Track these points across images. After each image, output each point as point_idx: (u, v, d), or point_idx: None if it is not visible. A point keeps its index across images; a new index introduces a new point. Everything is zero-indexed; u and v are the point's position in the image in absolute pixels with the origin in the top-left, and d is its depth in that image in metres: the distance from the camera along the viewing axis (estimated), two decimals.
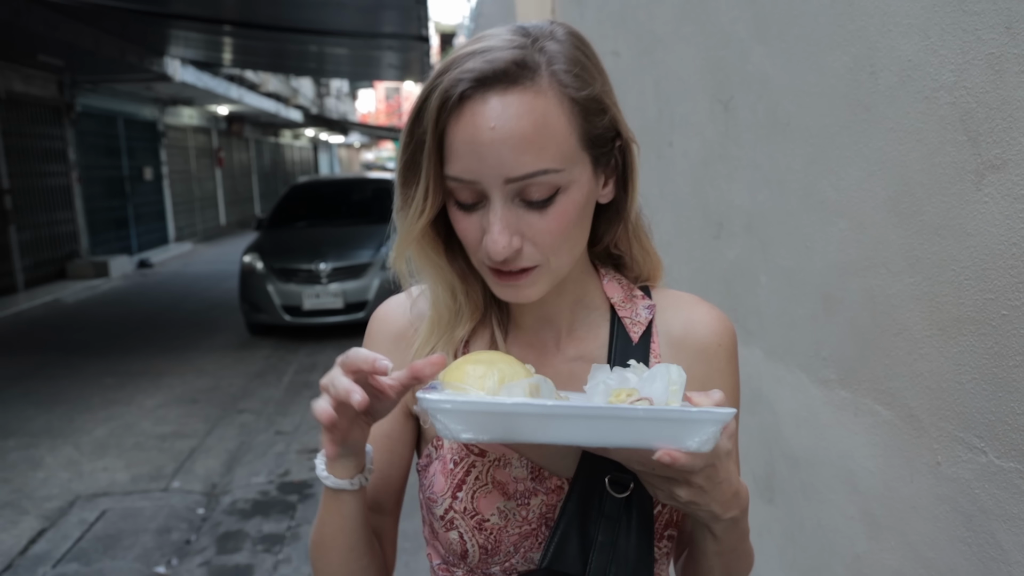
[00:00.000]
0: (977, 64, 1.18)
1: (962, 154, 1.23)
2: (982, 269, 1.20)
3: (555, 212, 0.86)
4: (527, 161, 0.83)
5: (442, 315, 1.01)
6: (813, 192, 1.73)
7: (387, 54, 13.37)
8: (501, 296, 0.94)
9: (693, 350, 1.03)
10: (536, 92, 0.83)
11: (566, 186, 0.86)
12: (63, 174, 14.16)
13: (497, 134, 0.82)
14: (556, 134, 0.84)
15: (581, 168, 0.88)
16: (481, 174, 0.84)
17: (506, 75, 0.83)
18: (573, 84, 0.85)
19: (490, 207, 0.86)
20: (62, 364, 8.08)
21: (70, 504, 4.80)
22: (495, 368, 0.80)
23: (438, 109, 0.84)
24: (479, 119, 0.83)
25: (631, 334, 1.01)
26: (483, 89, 0.83)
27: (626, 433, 0.75)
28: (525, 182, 0.84)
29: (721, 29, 2.18)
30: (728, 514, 0.85)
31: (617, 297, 1.04)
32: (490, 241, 0.86)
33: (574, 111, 0.85)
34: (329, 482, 0.92)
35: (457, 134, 0.84)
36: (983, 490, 1.25)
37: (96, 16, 10.21)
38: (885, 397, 1.51)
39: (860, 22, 1.49)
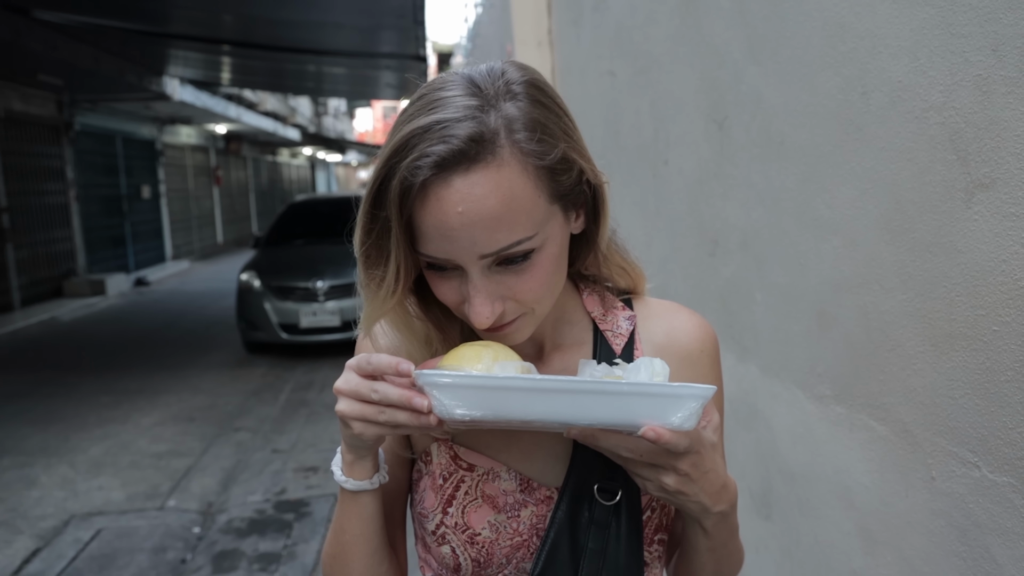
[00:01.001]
0: (965, 85, 1.20)
1: (952, 173, 1.25)
2: (973, 286, 1.22)
3: (533, 271, 0.86)
4: (499, 238, 0.81)
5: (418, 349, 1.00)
6: (807, 210, 1.75)
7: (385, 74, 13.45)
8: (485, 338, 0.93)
9: (676, 357, 1.03)
10: (499, 166, 0.80)
11: (540, 246, 0.85)
12: (61, 192, 14.18)
13: (466, 218, 0.80)
14: (524, 204, 0.82)
15: (552, 222, 0.86)
16: (454, 253, 0.83)
17: (465, 155, 0.79)
18: (536, 152, 0.82)
19: (468, 280, 0.85)
20: (58, 382, 8.06)
21: (65, 523, 4.77)
22: (490, 349, 0.84)
23: (400, 197, 0.81)
24: (445, 204, 0.80)
25: (613, 346, 1.02)
26: (444, 173, 0.79)
27: (611, 408, 0.78)
28: (499, 255, 0.83)
29: (715, 50, 2.21)
30: (718, 507, 0.87)
31: (597, 312, 1.05)
32: (473, 313, 0.85)
33: (540, 176, 0.83)
34: (349, 485, 0.93)
35: (425, 219, 0.82)
36: (977, 504, 1.26)
37: (96, 36, 10.28)
38: (880, 413, 1.53)
39: (851, 44, 1.52)
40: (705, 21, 2.27)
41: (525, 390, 0.78)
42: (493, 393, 0.77)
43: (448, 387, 0.78)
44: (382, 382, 0.83)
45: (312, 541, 4.45)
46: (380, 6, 8.41)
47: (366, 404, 0.84)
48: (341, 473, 0.94)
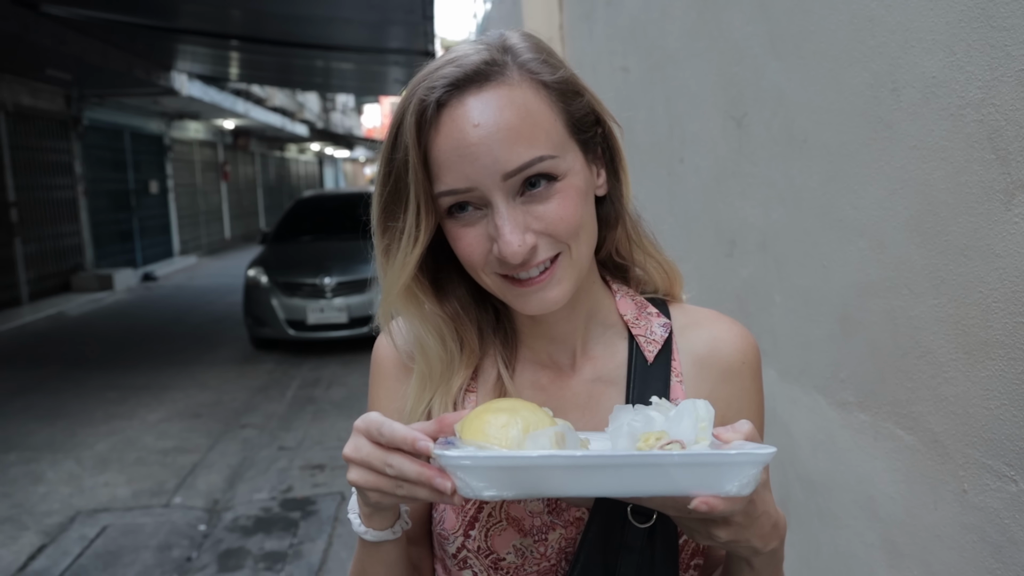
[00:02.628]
0: (1006, 81, 1.15)
1: (990, 173, 1.20)
2: (1012, 291, 1.17)
3: (559, 199, 0.84)
4: (520, 151, 0.81)
5: (433, 367, 0.96)
6: (831, 210, 1.70)
7: (393, 69, 13.42)
8: (524, 309, 0.89)
9: (718, 369, 0.98)
10: (511, 85, 0.83)
11: (563, 174, 0.84)
12: (69, 187, 14.19)
13: (483, 130, 0.80)
14: (542, 121, 0.83)
15: (573, 156, 0.86)
16: (477, 178, 0.81)
17: (478, 74, 0.82)
18: (543, 70, 0.85)
19: (494, 211, 0.83)
20: (65, 377, 8.05)
21: (70, 520, 4.75)
22: (518, 416, 0.74)
23: (417, 124, 0.82)
24: (461, 122, 0.81)
25: (646, 353, 0.97)
26: (458, 92, 0.82)
27: (661, 481, 0.70)
28: (523, 174, 0.81)
29: (735, 45, 2.16)
30: (768, 547, 0.81)
31: (630, 315, 1.00)
32: (503, 244, 0.82)
33: (552, 96, 0.85)
34: (370, 536, 0.87)
35: (442, 144, 0.82)
36: (1013, 520, 1.21)
37: (104, 30, 10.27)
38: (907, 421, 1.47)
39: (881, 38, 1.46)
40: (724, 15, 2.22)
41: (562, 468, 0.70)
42: (526, 473, 0.69)
43: (474, 469, 0.69)
44: (397, 455, 0.75)
45: (318, 540, 4.42)
46: (389, 1, 8.36)
47: (381, 476, 0.76)
48: (360, 523, 0.88)
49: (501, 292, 0.89)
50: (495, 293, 0.90)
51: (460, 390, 0.97)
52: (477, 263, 0.87)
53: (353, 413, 6.64)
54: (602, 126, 0.93)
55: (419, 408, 0.96)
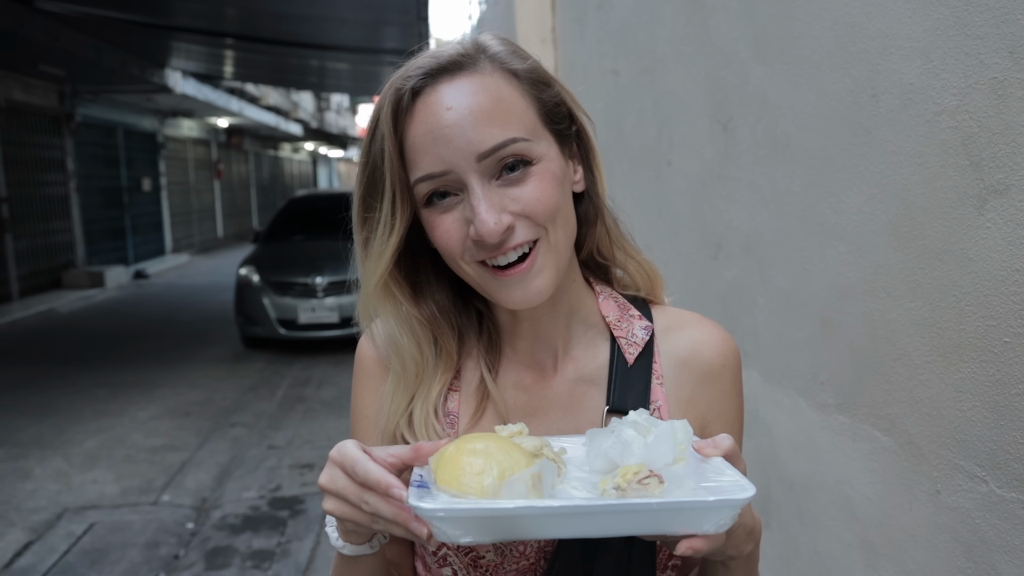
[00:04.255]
0: (980, 88, 1.17)
1: (964, 179, 1.22)
2: (984, 295, 1.19)
3: (535, 182, 0.85)
4: (493, 132, 0.83)
5: (407, 368, 0.97)
6: (812, 214, 1.72)
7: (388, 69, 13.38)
8: (507, 301, 0.89)
9: (699, 372, 0.99)
10: (483, 74, 0.86)
11: (538, 158, 0.86)
12: (61, 183, 14.15)
13: (457, 113, 0.83)
14: (514, 106, 0.86)
15: (547, 143, 0.88)
16: (451, 160, 0.83)
17: (452, 64, 0.86)
18: (512, 61, 0.89)
19: (469, 193, 0.84)
20: (54, 374, 8.03)
21: (58, 516, 4.75)
22: (492, 462, 0.73)
23: (393, 112, 0.85)
24: (435, 106, 0.84)
25: (626, 355, 0.98)
26: (432, 80, 0.86)
27: (638, 524, 0.72)
28: (497, 154, 0.83)
29: (721, 50, 2.18)
30: (743, 552, 0.83)
31: (612, 316, 1.01)
32: (479, 223, 0.83)
33: (523, 85, 0.88)
34: (347, 551, 0.86)
35: (417, 130, 0.84)
36: (984, 520, 1.23)
37: (98, 27, 10.24)
38: (884, 423, 1.49)
39: (861, 44, 1.48)
40: (711, 20, 2.24)
41: (539, 516, 0.70)
42: (503, 521, 0.70)
43: (451, 519, 0.69)
44: (373, 494, 0.75)
45: (306, 539, 4.42)
46: (383, 2, 8.37)
47: (356, 510, 0.77)
48: (338, 538, 0.87)
49: (482, 283, 0.90)
50: (476, 285, 0.91)
51: (440, 394, 0.98)
52: (455, 250, 0.87)
53: (343, 413, 6.64)
54: (575, 122, 0.95)
55: (398, 410, 0.97)
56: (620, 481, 0.74)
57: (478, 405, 0.98)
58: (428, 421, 0.96)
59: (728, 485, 0.74)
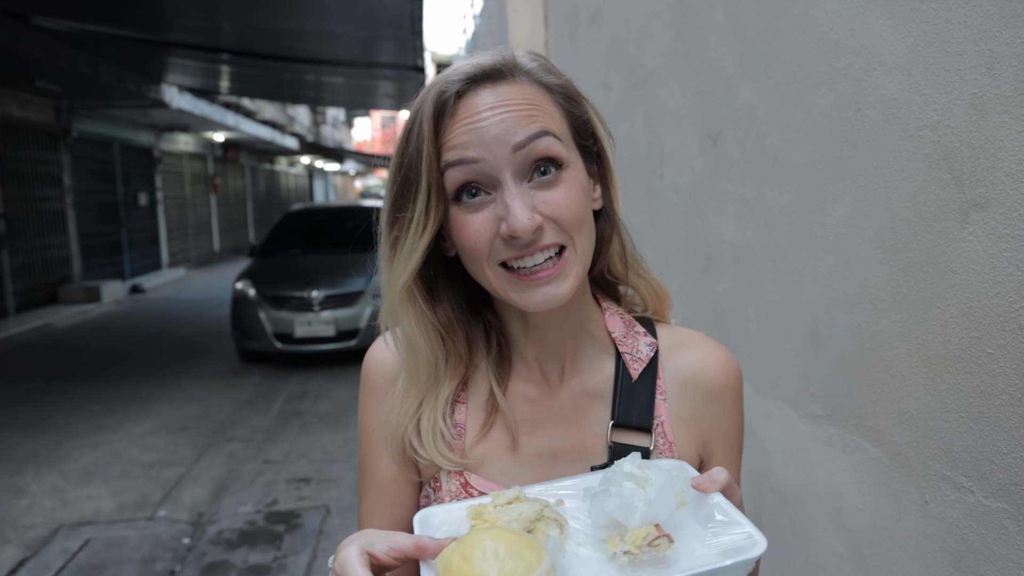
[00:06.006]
0: (960, 104, 1.19)
1: (946, 192, 1.23)
2: (967, 307, 1.20)
3: (565, 188, 0.89)
4: (531, 126, 0.87)
5: (421, 369, 0.98)
6: (800, 227, 1.73)
7: (383, 83, 13.47)
8: (529, 305, 0.90)
9: (702, 391, 1.02)
10: (521, 85, 0.91)
11: (567, 164, 0.90)
12: (57, 199, 14.15)
13: (496, 112, 0.87)
14: (549, 112, 0.91)
15: (575, 155, 0.92)
16: (486, 148, 0.86)
17: (493, 71, 0.90)
18: (547, 77, 0.93)
19: (503, 190, 0.87)
20: (50, 390, 8.01)
21: (53, 533, 4.73)
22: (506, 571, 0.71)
23: (435, 112, 0.88)
24: (475, 106, 0.88)
25: (631, 370, 1.00)
26: (474, 85, 0.89)
27: None
28: (532, 146, 0.87)
29: (710, 65, 2.20)
30: None
31: (618, 332, 1.03)
32: (512, 219, 0.85)
33: (556, 98, 0.93)
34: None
35: (456, 128, 0.88)
36: (971, 530, 1.24)
37: (95, 43, 10.28)
38: (873, 434, 1.50)
39: (845, 60, 1.50)
40: (700, 36, 2.26)
41: None
42: None
43: None
44: None
45: (303, 553, 4.41)
46: (378, 17, 8.42)
47: None
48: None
49: (503, 287, 0.91)
50: (494, 289, 0.92)
51: (447, 401, 0.99)
52: (482, 250, 0.89)
53: (340, 426, 6.64)
54: (598, 141, 0.98)
55: (408, 412, 0.98)
56: (630, 547, 0.74)
57: (487, 418, 1.00)
58: (436, 427, 0.97)
59: (739, 540, 0.75)
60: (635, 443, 0.97)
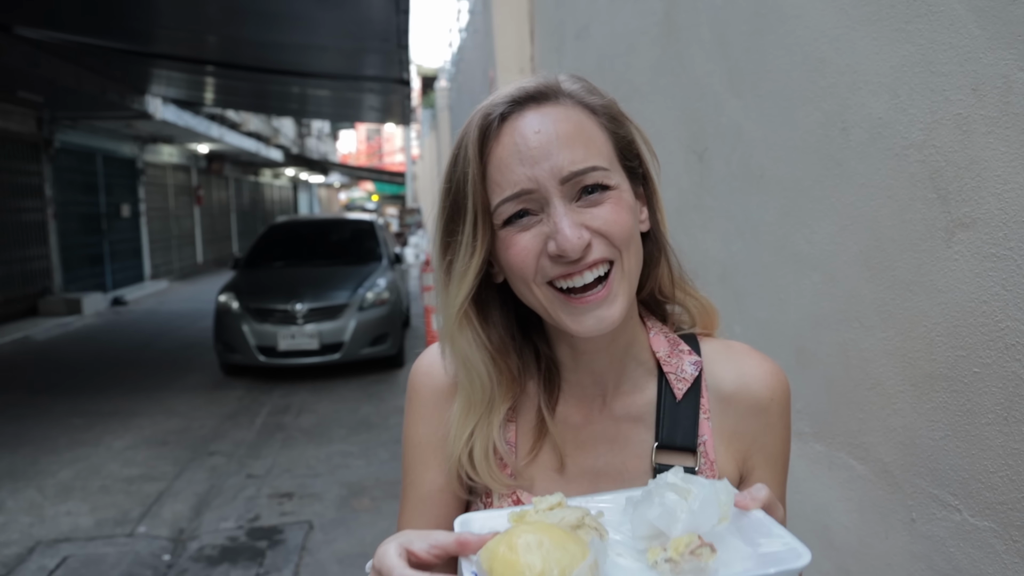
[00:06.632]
0: (945, 124, 1.20)
1: (932, 211, 1.24)
2: (953, 326, 1.21)
3: (612, 204, 0.89)
4: (578, 157, 0.87)
5: (475, 392, 0.98)
6: (787, 244, 1.74)
7: (368, 96, 13.48)
8: (579, 328, 0.90)
9: (744, 406, 1.00)
10: (566, 107, 0.91)
11: (615, 186, 0.90)
12: (39, 210, 14.02)
13: (543, 136, 0.87)
14: (595, 137, 0.91)
15: (621, 177, 0.92)
16: (535, 178, 0.87)
17: (539, 94, 0.91)
18: (591, 99, 0.93)
19: (551, 211, 0.87)
20: (28, 403, 7.89)
21: (29, 550, 4.64)
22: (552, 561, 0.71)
23: (480, 136, 0.89)
24: (523, 128, 0.88)
25: (675, 391, 0.99)
26: (519, 107, 0.90)
27: None
28: (579, 179, 0.87)
29: (696, 82, 2.21)
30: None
31: (663, 352, 1.01)
32: (561, 238, 0.85)
33: (601, 120, 0.93)
34: None
35: (503, 153, 0.88)
36: (958, 549, 1.24)
37: (78, 53, 10.23)
38: (859, 451, 1.50)
39: (831, 79, 1.51)
40: (686, 52, 2.28)
41: None
42: None
43: None
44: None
45: (285, 570, 4.36)
46: (364, 30, 8.43)
47: None
48: None
49: (552, 308, 0.91)
50: (544, 311, 0.92)
51: (500, 426, 0.99)
52: (529, 269, 0.89)
53: (323, 441, 6.59)
54: (643, 162, 0.98)
55: (462, 436, 0.98)
56: (673, 554, 0.73)
57: (535, 442, 1.00)
58: (488, 453, 0.97)
59: (782, 551, 0.73)
60: (680, 463, 0.95)
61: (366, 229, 11.16)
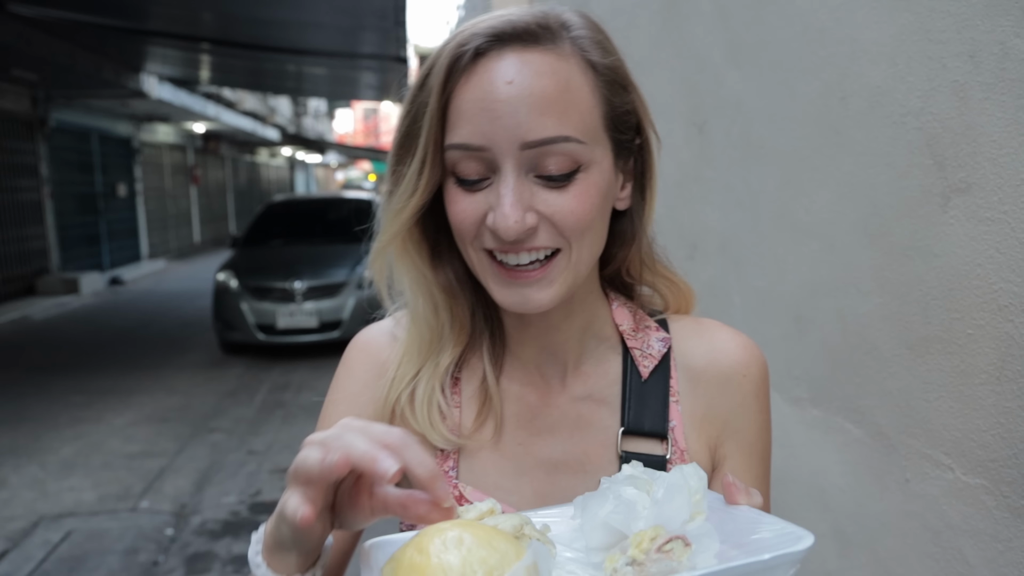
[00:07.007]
0: (943, 91, 1.22)
1: (929, 178, 1.26)
2: (948, 289, 1.23)
3: (576, 191, 0.77)
4: (548, 124, 0.74)
5: (423, 334, 0.89)
6: (785, 214, 1.76)
7: (365, 74, 13.41)
8: (504, 302, 0.81)
9: (715, 381, 0.90)
10: (558, 55, 0.77)
11: (588, 164, 0.77)
12: (34, 189, 13.97)
13: (515, 89, 0.74)
14: (580, 102, 0.76)
15: (603, 151, 0.79)
16: (493, 138, 0.74)
17: (527, 33, 0.76)
18: (595, 52, 0.79)
19: (500, 179, 0.76)
20: (29, 382, 7.93)
21: (34, 525, 4.69)
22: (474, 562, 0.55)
23: (448, 67, 0.76)
24: (494, 75, 0.75)
25: (641, 368, 0.89)
26: (500, 45, 0.76)
27: None
28: (544, 149, 0.75)
29: (696, 54, 2.22)
30: None
31: (627, 325, 0.92)
32: (499, 216, 0.75)
33: (598, 82, 0.79)
34: (260, 572, 0.71)
35: (468, 95, 0.75)
36: (950, 506, 1.27)
37: (72, 31, 10.15)
38: (855, 415, 1.54)
39: (831, 49, 1.53)
40: (686, 25, 2.28)
41: None
42: None
43: None
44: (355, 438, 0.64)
45: None
46: (361, 7, 8.38)
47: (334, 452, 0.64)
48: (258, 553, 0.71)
49: (484, 275, 0.82)
50: (478, 274, 0.84)
51: (448, 371, 0.90)
52: (467, 233, 0.80)
53: None
54: (641, 136, 0.87)
55: (404, 378, 0.89)
56: (635, 553, 0.59)
57: (479, 409, 0.90)
58: (433, 398, 0.88)
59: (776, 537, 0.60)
60: (648, 451, 0.86)
61: (364, 208, 11.16)
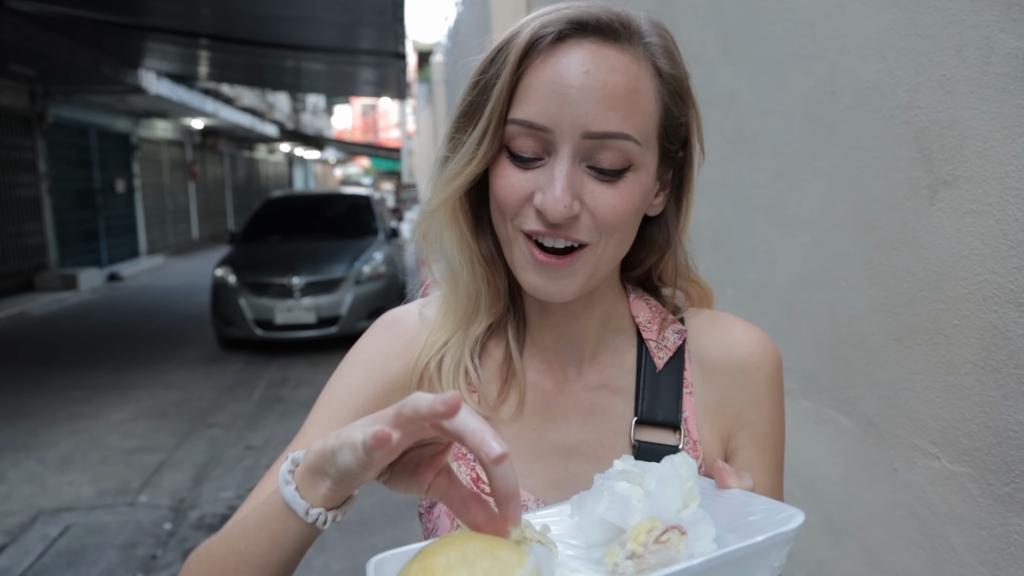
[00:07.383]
0: (930, 85, 1.23)
1: (916, 171, 1.28)
2: (935, 281, 1.25)
3: (622, 189, 0.79)
4: (613, 119, 0.77)
5: (460, 301, 0.91)
6: (777, 207, 1.78)
7: (364, 71, 13.42)
8: (533, 287, 0.83)
9: (728, 373, 0.92)
10: (633, 56, 0.79)
11: (638, 166, 0.80)
12: (32, 185, 13.96)
13: (589, 79, 0.76)
14: (644, 105, 0.79)
15: (651, 156, 0.82)
16: (559, 121, 0.77)
17: (609, 28, 0.79)
18: (664, 60, 0.82)
19: (554, 162, 0.78)
20: (27, 377, 7.94)
21: (32, 519, 4.71)
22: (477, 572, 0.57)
23: (526, 45, 0.78)
24: (572, 61, 0.77)
25: (656, 359, 0.91)
26: (581, 35, 0.78)
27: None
28: (603, 142, 0.77)
29: (690, 49, 2.23)
30: None
31: (643, 317, 0.94)
32: (549, 197, 0.77)
33: (662, 89, 0.82)
34: (287, 493, 0.70)
35: (542, 74, 0.78)
36: (937, 494, 1.29)
37: (70, 26, 10.15)
38: (845, 406, 1.56)
39: (821, 44, 1.54)
40: (680, 20, 2.30)
41: None
42: None
43: None
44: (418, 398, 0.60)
45: None
46: (360, 2, 8.38)
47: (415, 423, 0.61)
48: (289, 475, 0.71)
49: (516, 254, 0.84)
50: (510, 251, 0.85)
51: (477, 340, 0.92)
52: (511, 209, 0.82)
53: None
54: (686, 150, 0.88)
55: (436, 343, 0.91)
56: (634, 547, 0.62)
57: (501, 387, 0.92)
58: (460, 364, 0.91)
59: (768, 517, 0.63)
60: (661, 441, 0.88)
61: (362, 203, 11.18)
